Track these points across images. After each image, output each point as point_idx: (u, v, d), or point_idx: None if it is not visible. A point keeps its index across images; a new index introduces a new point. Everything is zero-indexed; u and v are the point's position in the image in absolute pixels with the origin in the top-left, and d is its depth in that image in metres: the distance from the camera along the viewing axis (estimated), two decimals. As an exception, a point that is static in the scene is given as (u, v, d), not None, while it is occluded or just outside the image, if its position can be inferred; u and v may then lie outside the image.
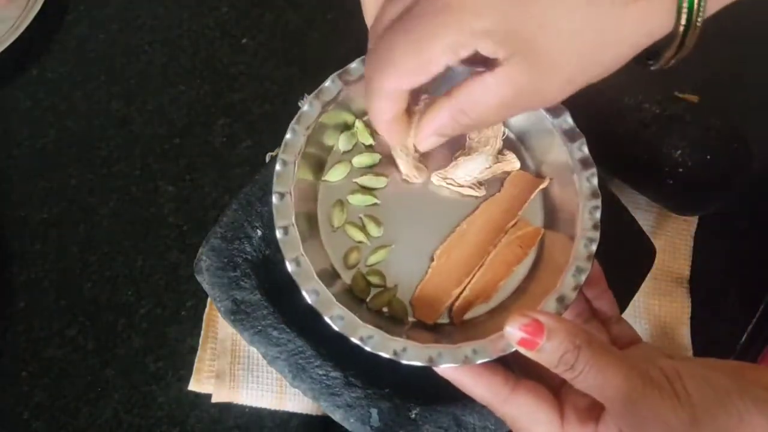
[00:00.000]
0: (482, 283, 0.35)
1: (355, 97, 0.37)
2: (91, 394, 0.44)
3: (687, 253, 0.48)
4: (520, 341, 0.28)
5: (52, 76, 0.53)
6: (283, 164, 0.35)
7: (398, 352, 0.31)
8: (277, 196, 0.34)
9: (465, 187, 0.37)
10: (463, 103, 0.28)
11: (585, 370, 0.27)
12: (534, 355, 0.28)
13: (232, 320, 0.38)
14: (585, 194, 0.35)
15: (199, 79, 0.53)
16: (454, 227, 0.36)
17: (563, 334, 0.28)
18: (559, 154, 0.36)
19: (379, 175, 0.37)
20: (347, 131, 0.38)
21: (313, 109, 0.36)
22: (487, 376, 0.31)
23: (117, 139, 0.51)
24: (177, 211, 0.49)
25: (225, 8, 0.56)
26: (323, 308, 0.32)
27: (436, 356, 0.31)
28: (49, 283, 0.46)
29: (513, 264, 0.35)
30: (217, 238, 0.39)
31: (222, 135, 0.51)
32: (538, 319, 0.28)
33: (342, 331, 0.32)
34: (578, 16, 0.25)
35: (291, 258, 0.33)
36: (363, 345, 0.32)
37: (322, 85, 0.37)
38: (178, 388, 0.44)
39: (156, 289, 0.46)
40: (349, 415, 0.36)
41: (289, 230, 0.33)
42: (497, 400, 0.31)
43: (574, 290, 0.33)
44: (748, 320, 0.46)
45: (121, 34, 0.55)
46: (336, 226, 0.36)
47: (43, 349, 0.45)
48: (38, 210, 0.48)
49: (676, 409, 0.26)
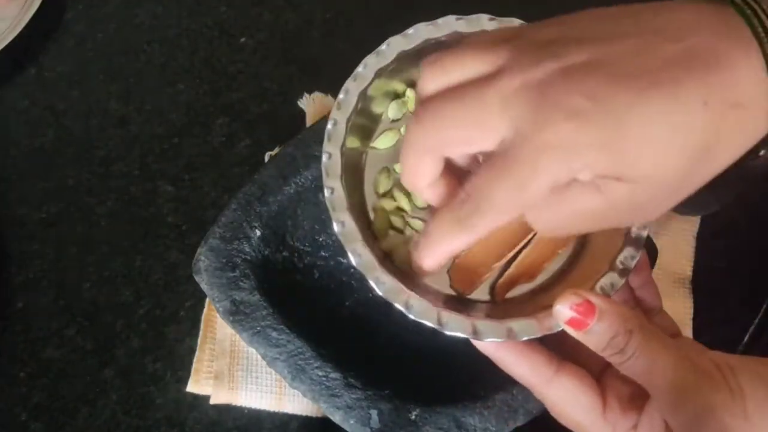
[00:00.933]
0: (527, 263, 0.34)
1: (407, 67, 0.36)
2: (89, 394, 0.44)
3: (689, 253, 0.48)
4: (569, 320, 0.27)
5: (50, 75, 0.53)
6: (334, 124, 0.34)
7: (442, 322, 0.30)
8: (326, 155, 0.33)
9: None
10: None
11: (636, 354, 0.27)
12: (582, 336, 0.27)
13: (231, 321, 0.38)
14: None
15: (197, 78, 0.53)
16: None
17: (615, 317, 0.27)
18: None
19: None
20: (397, 99, 0.37)
21: (367, 70, 0.35)
22: (530, 355, 0.30)
23: (115, 139, 0.51)
24: (176, 211, 0.48)
25: (224, 7, 0.55)
26: (367, 270, 0.31)
27: (481, 328, 0.30)
28: (48, 284, 0.46)
29: (560, 246, 0.35)
30: (216, 238, 0.39)
31: (221, 134, 0.51)
32: (590, 299, 0.27)
33: (385, 295, 0.31)
34: (679, 128, 0.24)
35: (337, 219, 0.32)
36: (406, 311, 0.30)
37: (379, 48, 0.36)
38: (177, 389, 0.44)
39: (155, 290, 0.46)
40: (348, 416, 0.36)
41: (336, 190, 0.33)
42: (540, 380, 0.30)
43: (623, 275, 0.32)
44: (750, 320, 0.46)
45: (119, 34, 0.54)
46: (381, 192, 0.35)
47: (41, 349, 0.45)
48: (36, 210, 0.48)
49: (727, 402, 0.25)
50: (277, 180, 0.41)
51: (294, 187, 0.41)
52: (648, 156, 0.24)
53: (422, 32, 0.36)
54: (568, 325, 0.27)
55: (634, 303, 0.34)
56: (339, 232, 0.32)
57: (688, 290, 0.47)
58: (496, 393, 0.37)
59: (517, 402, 0.37)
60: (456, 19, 0.36)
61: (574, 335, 0.28)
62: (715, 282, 0.47)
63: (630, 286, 0.34)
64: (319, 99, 0.51)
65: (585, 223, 0.27)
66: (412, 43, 0.35)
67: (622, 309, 0.27)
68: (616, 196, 0.25)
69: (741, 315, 0.46)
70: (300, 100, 0.51)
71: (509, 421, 0.36)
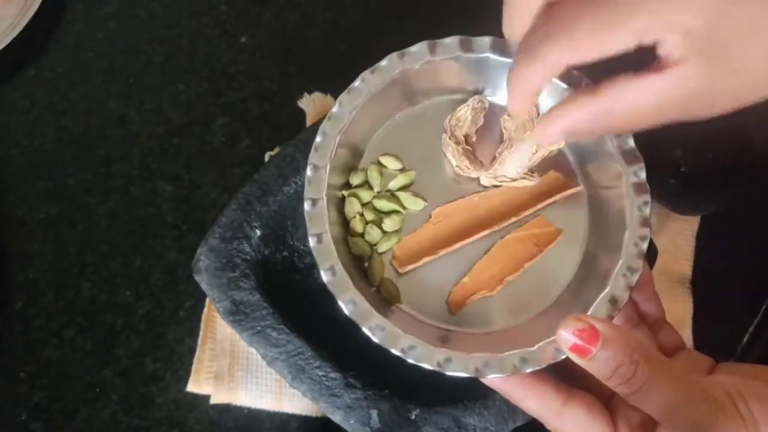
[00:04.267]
0: (487, 275, 0.34)
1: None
2: (89, 394, 0.43)
3: (689, 253, 0.48)
4: (572, 347, 0.26)
5: (50, 75, 0.53)
6: (314, 169, 0.34)
7: (442, 363, 0.30)
8: (309, 202, 0.33)
9: (519, 179, 0.35)
10: (614, 102, 0.26)
11: (643, 387, 0.26)
12: (586, 364, 0.26)
13: (231, 321, 0.38)
14: (633, 190, 0.33)
15: (197, 78, 0.53)
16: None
17: (620, 345, 0.26)
18: (603, 147, 0.35)
19: (417, 197, 0.36)
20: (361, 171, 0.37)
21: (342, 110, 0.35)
22: (538, 387, 0.30)
23: (115, 139, 0.51)
24: (176, 210, 0.48)
25: (224, 7, 0.55)
26: (361, 319, 0.31)
27: (482, 366, 0.30)
28: (47, 284, 0.46)
29: (524, 260, 0.34)
30: (216, 238, 0.39)
31: (221, 134, 0.51)
32: (594, 325, 0.26)
33: (382, 342, 0.30)
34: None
35: (325, 268, 0.32)
36: (405, 357, 0.30)
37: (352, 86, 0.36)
38: (177, 389, 0.44)
39: (154, 290, 0.46)
40: (348, 416, 0.36)
41: (323, 238, 0.32)
42: (549, 413, 0.30)
43: (626, 291, 0.31)
44: (750, 320, 0.46)
45: (119, 33, 0.54)
46: (351, 215, 0.35)
47: (41, 349, 0.45)
48: (36, 210, 0.48)
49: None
50: (277, 180, 0.40)
51: (294, 187, 0.41)
52: (744, 44, 0.24)
53: (395, 63, 0.36)
54: (571, 352, 0.27)
55: (639, 318, 0.34)
56: (328, 282, 0.31)
57: (688, 290, 0.47)
58: (496, 393, 0.36)
59: (517, 402, 0.36)
60: (428, 44, 0.36)
61: (578, 362, 0.27)
62: (715, 282, 0.47)
63: (634, 300, 0.34)
64: (319, 99, 0.51)
65: (650, 110, 0.26)
66: (384, 77, 0.35)
67: (627, 337, 0.26)
68: (693, 84, 0.24)
69: (741, 315, 0.46)
70: (300, 100, 0.51)
71: (509, 421, 0.36)
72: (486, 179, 0.36)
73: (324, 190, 0.33)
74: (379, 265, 0.34)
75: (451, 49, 0.36)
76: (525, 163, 0.35)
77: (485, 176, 0.36)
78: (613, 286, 0.32)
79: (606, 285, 0.32)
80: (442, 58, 0.36)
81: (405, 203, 0.36)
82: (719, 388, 0.26)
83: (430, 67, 0.36)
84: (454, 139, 0.36)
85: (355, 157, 0.36)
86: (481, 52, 0.36)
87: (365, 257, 0.35)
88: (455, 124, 0.37)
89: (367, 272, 0.34)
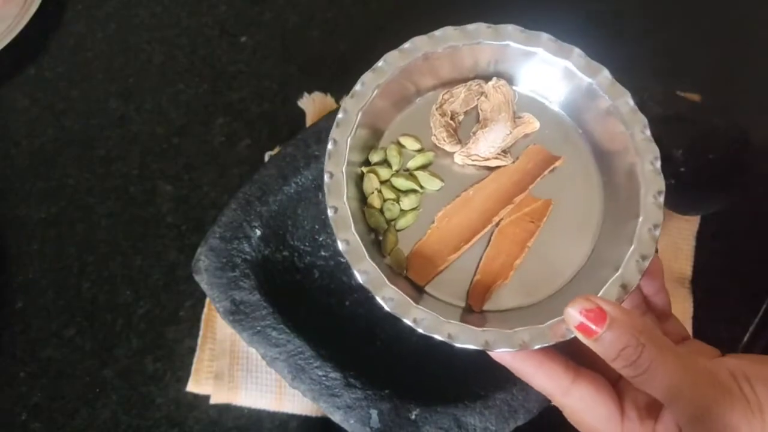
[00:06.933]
0: (497, 265, 0.34)
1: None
2: (89, 394, 0.43)
3: (689, 252, 0.48)
4: (579, 326, 0.27)
5: (50, 75, 0.53)
6: (334, 143, 0.34)
7: (452, 335, 0.30)
8: (328, 175, 0.33)
9: (491, 159, 0.36)
10: None
11: (649, 369, 0.26)
12: (592, 344, 0.27)
13: (231, 321, 0.38)
14: (648, 178, 0.34)
15: (197, 77, 0.53)
16: (459, 193, 0.36)
17: (626, 328, 0.26)
18: (618, 136, 0.35)
19: (434, 176, 0.36)
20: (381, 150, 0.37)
21: (365, 88, 0.35)
22: (548, 364, 0.30)
23: (115, 139, 0.51)
24: (175, 210, 0.48)
25: (224, 6, 0.55)
26: (374, 288, 0.31)
27: (492, 340, 0.30)
28: (47, 284, 0.46)
29: (526, 240, 0.35)
30: (216, 238, 0.39)
31: (221, 134, 0.51)
32: (602, 306, 0.27)
33: (393, 311, 0.31)
34: None
35: (342, 238, 0.32)
36: (416, 327, 0.31)
37: (376, 65, 0.36)
38: (177, 389, 0.44)
39: (154, 290, 0.46)
40: (348, 416, 0.36)
41: (339, 210, 0.33)
42: (558, 390, 0.30)
43: (637, 276, 0.31)
44: (750, 320, 0.46)
45: (119, 33, 0.54)
46: (369, 191, 0.35)
47: (41, 349, 0.45)
48: (36, 210, 0.48)
49: (747, 415, 0.25)
50: (277, 180, 0.40)
51: (294, 187, 0.41)
52: None
53: (419, 45, 0.36)
54: (578, 331, 0.27)
55: (646, 308, 0.34)
56: (344, 251, 0.32)
57: (688, 290, 0.47)
58: (496, 393, 0.37)
59: (517, 401, 0.37)
60: (454, 30, 0.36)
61: (584, 342, 0.27)
62: (715, 282, 0.47)
63: (643, 293, 0.34)
64: (319, 99, 0.51)
65: None
66: (408, 58, 0.36)
67: (634, 320, 0.27)
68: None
69: (741, 315, 0.46)
70: (300, 100, 0.51)
71: (509, 421, 0.36)
72: (459, 157, 0.36)
73: (343, 164, 0.34)
74: (393, 237, 0.35)
75: (474, 34, 0.36)
76: (498, 144, 0.36)
77: (459, 154, 0.36)
78: (624, 270, 0.32)
79: (617, 269, 0.32)
80: (465, 44, 0.36)
81: (423, 183, 0.36)
82: (724, 371, 0.26)
83: (452, 52, 0.36)
84: (440, 111, 0.37)
85: (374, 137, 0.37)
86: (502, 40, 0.36)
87: (380, 230, 0.35)
88: (447, 98, 0.37)
89: (381, 244, 0.35)
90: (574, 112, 0.37)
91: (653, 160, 0.34)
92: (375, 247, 0.34)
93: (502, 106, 0.36)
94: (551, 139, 0.37)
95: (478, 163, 0.36)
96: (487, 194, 0.36)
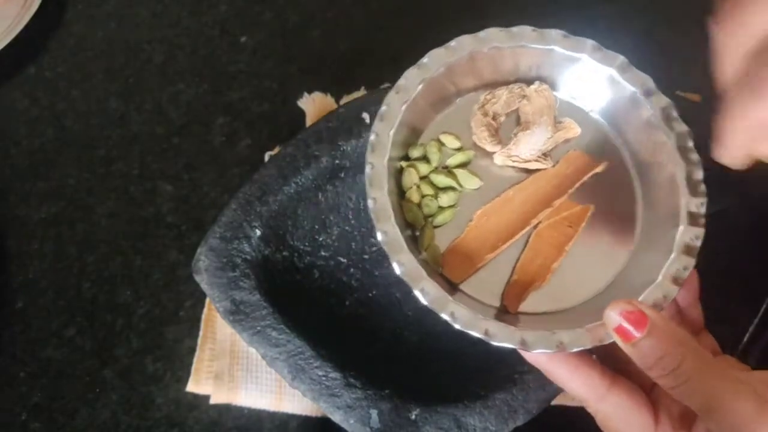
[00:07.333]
0: (534, 267, 0.34)
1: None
2: (89, 394, 0.43)
3: (689, 253, 0.48)
4: (617, 328, 0.26)
5: (50, 74, 0.53)
6: (376, 136, 0.34)
7: (490, 333, 0.30)
8: (369, 166, 0.33)
9: (531, 161, 0.36)
10: None
11: (689, 381, 0.25)
12: (628, 349, 0.26)
13: (231, 321, 0.38)
14: (689, 188, 0.34)
15: (197, 77, 0.53)
16: (496, 194, 0.36)
17: (667, 335, 0.26)
18: (659, 145, 0.35)
19: (474, 175, 0.36)
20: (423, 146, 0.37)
21: (409, 83, 0.35)
22: (583, 369, 0.30)
23: (115, 138, 0.51)
24: (175, 210, 0.48)
25: (224, 6, 0.55)
26: (412, 280, 0.31)
27: (530, 340, 0.30)
28: (47, 284, 0.46)
29: (564, 244, 0.35)
30: (216, 237, 0.39)
31: (221, 134, 0.51)
32: (643, 310, 0.26)
33: (431, 305, 0.31)
34: None
35: (381, 229, 0.32)
36: (453, 322, 0.30)
37: (420, 61, 0.36)
38: (177, 389, 0.44)
39: (154, 290, 0.46)
40: (348, 416, 0.36)
41: (378, 200, 0.33)
42: (593, 396, 0.30)
43: (676, 286, 0.31)
44: (749, 321, 0.46)
45: (119, 33, 0.54)
46: (408, 186, 0.35)
47: (41, 349, 0.45)
48: (36, 210, 0.48)
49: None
50: (277, 180, 0.41)
51: (294, 187, 0.41)
52: None
53: (464, 44, 0.36)
54: (616, 333, 0.26)
55: (680, 320, 0.33)
56: (383, 242, 0.32)
57: (688, 290, 0.47)
58: (496, 393, 0.37)
59: (517, 402, 0.36)
60: (499, 31, 0.36)
61: (622, 347, 0.27)
62: (714, 282, 0.47)
63: (678, 303, 0.33)
64: (319, 99, 0.51)
65: None
66: (453, 56, 0.36)
67: (675, 329, 0.26)
68: None
69: (741, 315, 0.46)
70: (300, 100, 0.51)
71: (509, 421, 0.36)
72: (500, 158, 0.36)
73: (386, 156, 0.34)
74: (430, 233, 0.34)
75: (519, 37, 0.36)
76: (539, 147, 0.36)
77: (499, 154, 0.36)
78: (663, 279, 0.32)
79: (655, 278, 0.32)
80: (509, 46, 0.36)
81: (461, 181, 0.36)
82: (761, 384, 0.26)
83: (495, 53, 0.36)
84: (482, 110, 0.37)
85: (413, 134, 0.37)
86: (547, 44, 0.36)
87: (417, 225, 0.35)
88: (489, 99, 0.37)
89: (417, 239, 0.35)
90: (614, 119, 0.37)
91: (695, 171, 0.34)
92: (411, 243, 0.34)
93: (544, 109, 0.36)
94: (591, 146, 0.37)
95: (518, 165, 0.36)
96: (526, 196, 0.36)
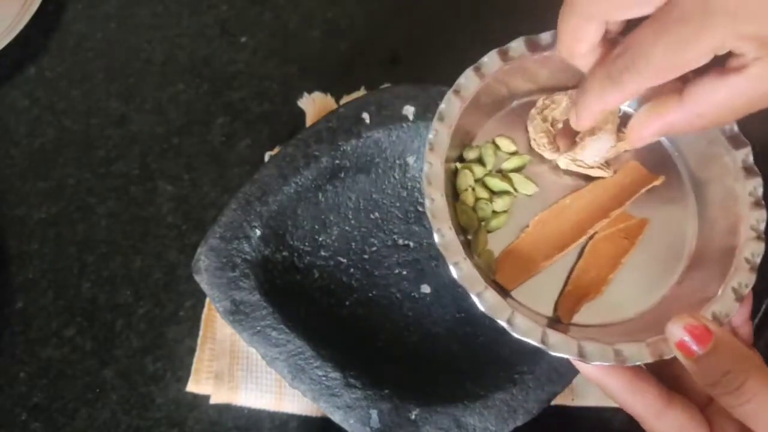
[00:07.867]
0: (589, 278, 0.34)
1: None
2: (89, 394, 0.43)
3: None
4: (679, 343, 0.26)
5: (50, 74, 0.53)
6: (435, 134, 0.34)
7: (548, 342, 0.30)
8: (428, 164, 0.33)
9: (594, 168, 0.36)
10: (703, 106, 0.27)
11: (753, 399, 0.25)
12: (690, 365, 0.26)
13: (231, 321, 0.38)
14: (748, 205, 0.33)
15: (198, 77, 0.53)
16: (550, 200, 0.35)
17: (731, 351, 0.25)
18: (718, 161, 0.35)
19: (529, 180, 0.36)
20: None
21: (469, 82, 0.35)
22: (640, 385, 0.29)
23: (115, 139, 0.51)
24: (176, 210, 0.48)
25: (224, 6, 0.55)
26: (470, 285, 0.30)
27: (588, 351, 0.29)
28: (47, 284, 0.46)
29: (620, 256, 0.34)
30: (216, 238, 0.39)
31: (221, 134, 0.51)
32: (708, 325, 0.25)
33: (488, 311, 0.30)
34: None
35: (437, 229, 0.32)
36: (510, 329, 0.30)
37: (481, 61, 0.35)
38: (177, 389, 0.44)
39: (154, 290, 0.46)
40: (348, 416, 0.36)
41: (436, 200, 0.32)
42: (651, 413, 0.29)
43: (736, 303, 0.30)
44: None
45: (119, 33, 0.54)
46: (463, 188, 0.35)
47: (41, 349, 0.45)
48: (36, 210, 0.48)
49: None
50: (277, 180, 0.41)
51: (294, 187, 0.41)
52: None
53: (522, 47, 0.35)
54: (678, 348, 0.26)
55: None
56: (439, 244, 0.31)
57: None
58: (496, 393, 0.37)
59: (517, 402, 0.36)
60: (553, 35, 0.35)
61: (683, 362, 0.26)
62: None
63: (732, 322, 0.32)
64: (319, 99, 0.51)
65: (739, 107, 0.26)
66: (512, 58, 0.35)
67: (740, 345, 0.26)
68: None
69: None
70: (300, 100, 0.51)
71: (509, 421, 0.36)
72: (563, 161, 0.36)
73: (444, 155, 0.33)
74: (484, 237, 0.34)
75: None
76: (603, 153, 0.35)
77: (564, 157, 0.36)
78: (722, 296, 0.31)
79: (714, 293, 0.31)
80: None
81: (517, 185, 0.35)
82: None
83: (552, 57, 0.35)
84: (541, 116, 0.36)
85: (467, 136, 0.36)
86: None
87: (470, 229, 0.34)
88: (549, 104, 0.37)
89: (471, 243, 0.34)
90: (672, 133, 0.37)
91: (755, 188, 0.33)
92: (464, 247, 0.33)
93: (608, 116, 0.36)
94: (648, 159, 0.36)
95: (582, 170, 0.36)
96: (583, 205, 0.35)
